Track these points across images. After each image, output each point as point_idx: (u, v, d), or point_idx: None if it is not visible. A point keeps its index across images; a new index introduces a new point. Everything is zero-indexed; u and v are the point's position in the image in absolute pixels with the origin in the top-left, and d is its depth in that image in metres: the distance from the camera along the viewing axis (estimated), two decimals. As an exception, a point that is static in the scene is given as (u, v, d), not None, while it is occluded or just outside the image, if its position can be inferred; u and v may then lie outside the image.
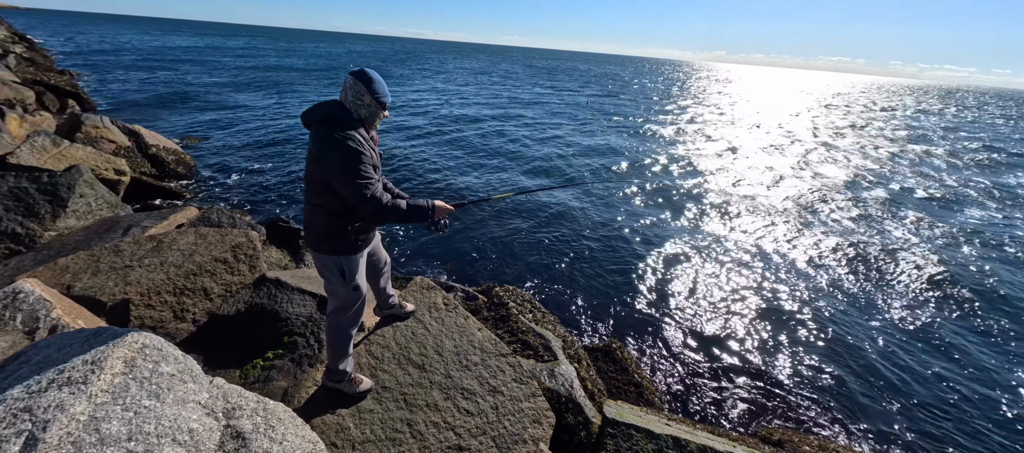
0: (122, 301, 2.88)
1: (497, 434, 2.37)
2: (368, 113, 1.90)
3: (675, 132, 18.05)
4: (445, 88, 27.60)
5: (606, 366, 4.00)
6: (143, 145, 7.70)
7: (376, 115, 1.93)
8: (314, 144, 1.80)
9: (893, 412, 4.08)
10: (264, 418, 1.39)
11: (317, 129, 1.81)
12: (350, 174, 1.76)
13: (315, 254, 2.03)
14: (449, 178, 9.77)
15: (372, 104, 1.89)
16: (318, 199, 1.90)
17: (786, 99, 42.38)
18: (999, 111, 45.06)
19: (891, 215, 9.40)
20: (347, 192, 1.79)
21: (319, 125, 1.81)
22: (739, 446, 2.87)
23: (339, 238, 1.96)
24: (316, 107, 1.85)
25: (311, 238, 2.00)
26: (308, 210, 1.97)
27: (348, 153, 1.75)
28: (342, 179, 1.77)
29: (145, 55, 31.06)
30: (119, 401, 1.18)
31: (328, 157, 1.76)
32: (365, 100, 1.87)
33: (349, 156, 1.75)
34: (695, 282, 6.03)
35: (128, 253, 3.30)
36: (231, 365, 2.86)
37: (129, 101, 14.71)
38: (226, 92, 18.51)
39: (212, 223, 4.41)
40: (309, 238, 2.02)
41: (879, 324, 5.40)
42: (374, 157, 1.93)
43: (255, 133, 11.95)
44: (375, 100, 1.88)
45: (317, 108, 1.84)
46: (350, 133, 1.78)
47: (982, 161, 16.49)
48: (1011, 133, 25.68)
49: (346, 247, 2.00)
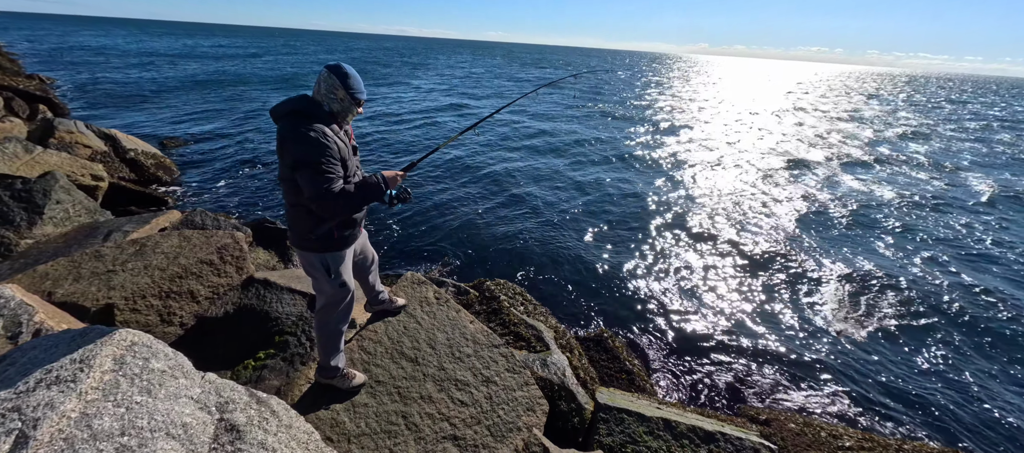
0: (106, 306, 2.82)
1: (491, 423, 2.40)
2: (341, 108, 1.86)
3: (662, 124, 18.26)
4: (446, 84, 27.42)
5: (598, 355, 4.06)
6: (120, 150, 7.50)
7: (349, 110, 1.89)
8: (278, 138, 1.75)
9: (873, 389, 4.24)
10: (258, 411, 1.40)
11: (282, 123, 1.75)
12: (308, 168, 1.70)
13: (300, 252, 2.02)
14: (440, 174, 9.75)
15: (346, 99, 1.85)
16: (294, 197, 1.85)
17: (765, 89, 43.37)
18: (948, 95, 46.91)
19: (868, 200, 9.69)
20: (305, 185, 1.72)
21: (284, 119, 1.76)
22: (727, 425, 2.96)
23: (323, 235, 1.94)
24: (284, 102, 1.80)
25: (294, 236, 1.98)
26: (289, 209, 1.93)
27: (309, 146, 1.68)
28: (301, 173, 1.71)
29: (118, 57, 30.11)
30: (110, 398, 1.18)
31: (290, 150, 1.71)
32: (338, 95, 1.83)
33: (310, 149, 1.68)
34: (683, 272, 6.15)
35: (110, 258, 3.23)
36: (222, 367, 2.83)
37: (103, 105, 14.28)
38: (205, 93, 18.09)
39: (196, 225, 4.34)
40: (292, 237, 1.99)
41: (862, 307, 5.58)
42: (343, 151, 1.86)
43: (237, 134, 11.73)
44: (349, 95, 1.84)
45: (285, 103, 1.79)
46: (314, 125, 1.73)
47: (915, 134, 17.19)
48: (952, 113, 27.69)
49: (330, 244, 1.98)
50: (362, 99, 1.91)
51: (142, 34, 71.20)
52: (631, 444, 2.63)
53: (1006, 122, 26.41)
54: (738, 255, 6.67)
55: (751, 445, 2.70)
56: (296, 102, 1.79)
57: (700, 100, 28.90)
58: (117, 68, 24.17)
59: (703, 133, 16.86)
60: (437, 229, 6.93)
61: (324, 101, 1.83)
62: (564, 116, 19.20)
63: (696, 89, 38.53)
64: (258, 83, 22.89)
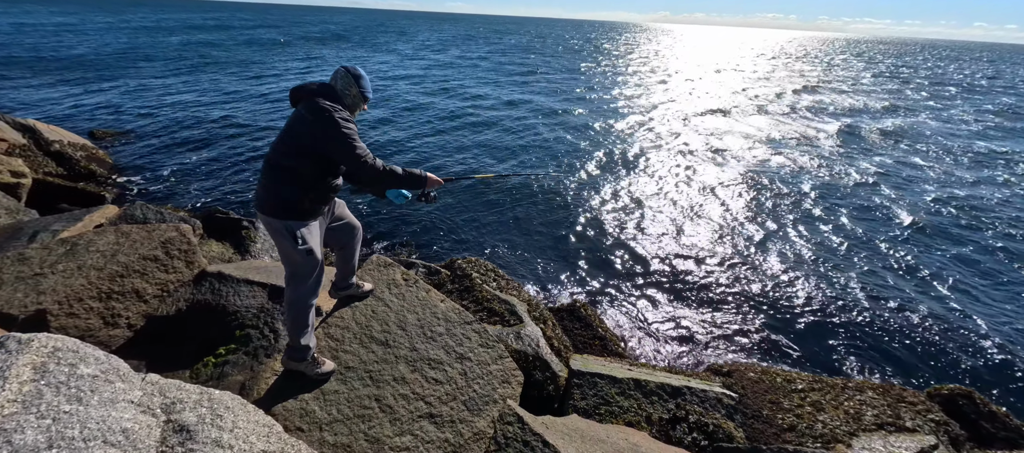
0: (37, 312, 2.58)
1: (467, 398, 2.41)
2: (352, 102, 2.15)
3: (627, 96, 18.38)
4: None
5: (571, 324, 4.15)
6: (42, 142, 6.75)
7: (358, 106, 2.19)
8: (310, 113, 1.98)
9: (824, 339, 4.58)
10: (210, 408, 1.31)
11: (313, 102, 1.99)
12: (351, 141, 1.98)
13: (265, 218, 2.08)
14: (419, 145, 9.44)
15: (357, 95, 2.15)
16: (289, 161, 2.01)
17: (720, 55, 44.52)
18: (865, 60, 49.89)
19: (818, 157, 10.25)
20: (347, 158, 2.01)
21: (314, 98, 2.01)
22: (693, 380, 3.11)
23: (291, 204, 2.03)
24: (308, 84, 2.09)
25: (261, 201, 2.06)
26: (268, 173, 2.05)
27: (347, 124, 2.01)
28: (342, 148, 1.98)
29: (32, 36, 26.69)
30: (31, 409, 1.06)
31: (328, 127, 1.96)
32: (352, 91, 2.13)
33: (348, 127, 2.00)
34: (651, 240, 6.33)
35: (37, 260, 2.93)
36: (179, 367, 2.67)
37: (12, 94, 12.69)
38: (137, 74, 16.44)
39: (136, 220, 4.00)
40: (259, 202, 2.07)
41: (814, 264, 5.97)
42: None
43: (178, 119, 10.80)
44: (360, 93, 2.16)
45: (310, 85, 2.08)
46: (344, 111, 2.05)
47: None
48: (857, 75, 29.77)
49: (297, 213, 2.05)
50: (369, 97, 2.22)
51: (63, 8, 63.29)
52: (604, 405, 2.72)
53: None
54: (703, 221, 6.92)
55: (714, 395, 2.86)
56: (322, 87, 2.07)
57: (678, 72, 29.17)
58: (31, 49, 21.46)
59: (665, 104, 17.12)
60: (406, 210, 6.76)
61: (342, 94, 2.11)
62: (529, 89, 18.94)
63: (661, 58, 38.90)
64: (205, 61, 21.04)
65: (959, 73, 36.62)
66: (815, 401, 3.02)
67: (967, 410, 3.05)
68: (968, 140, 12.94)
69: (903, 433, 2.75)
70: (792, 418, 2.86)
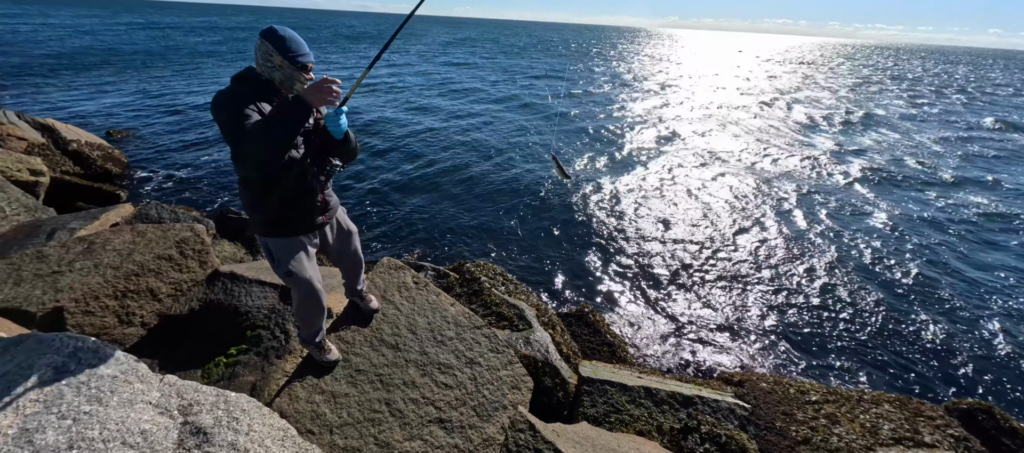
0: (54, 310, 2.61)
1: (477, 403, 2.40)
2: (282, 75, 1.67)
3: (639, 100, 18.32)
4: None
5: (580, 330, 4.12)
6: (61, 141, 6.89)
7: (294, 77, 1.68)
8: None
9: (838, 349, 4.50)
10: (226, 411, 1.32)
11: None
12: (223, 126, 1.54)
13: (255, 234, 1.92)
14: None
15: (285, 65, 1.65)
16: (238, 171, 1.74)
17: (734, 62, 44.13)
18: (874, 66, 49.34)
19: (839, 168, 10.11)
20: (230, 144, 1.56)
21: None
22: (704, 389, 3.07)
23: (256, 216, 1.78)
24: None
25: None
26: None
27: (218, 107, 1.55)
28: (225, 135, 1.55)
29: (53, 40, 27.38)
30: (53, 410, 1.07)
31: (216, 118, 1.57)
32: (275, 61, 1.64)
33: (218, 109, 1.55)
34: (660, 246, 6.28)
35: (55, 258, 2.98)
36: (191, 366, 2.70)
37: (34, 93, 13.01)
38: (157, 74, 16.76)
39: (151, 219, 4.06)
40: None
41: (828, 273, 5.87)
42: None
43: (194, 120, 10.98)
44: (287, 60, 1.64)
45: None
46: (231, 89, 1.61)
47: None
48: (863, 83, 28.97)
49: (268, 227, 1.81)
50: (305, 61, 1.68)
51: (83, 9, 64.90)
52: (614, 413, 2.69)
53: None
54: (712, 228, 6.85)
55: (727, 405, 2.81)
56: (240, 72, 1.67)
57: (684, 77, 29.09)
58: (52, 51, 22.00)
59: (679, 109, 17.03)
60: (414, 212, 6.78)
61: (262, 71, 1.67)
62: (541, 94, 18.96)
63: (671, 63, 38.78)
64: (219, 63, 21.40)
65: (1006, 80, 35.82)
66: (830, 413, 2.96)
67: (987, 425, 2.97)
68: (988, 147, 12.69)
69: (922, 448, 2.68)
70: (806, 431, 2.80)
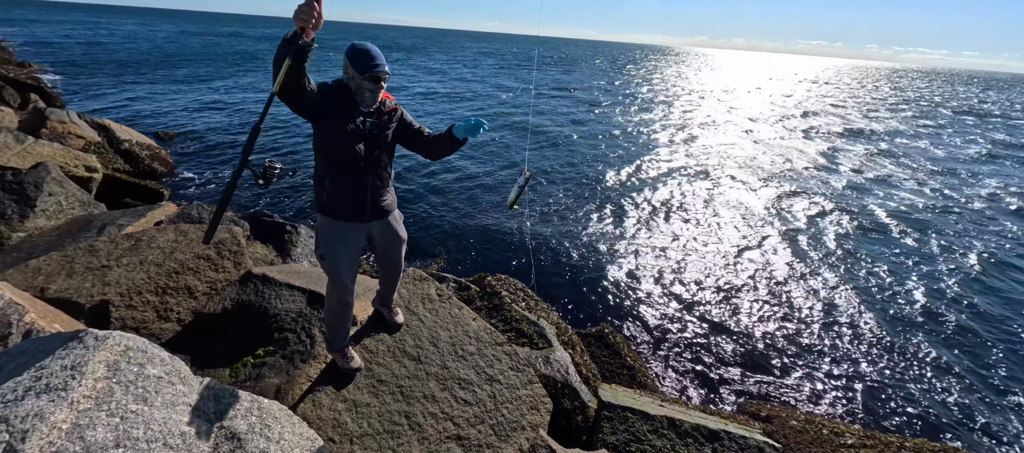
0: (101, 302, 2.77)
1: (495, 422, 2.37)
2: (355, 86, 1.89)
3: (670, 119, 18.13)
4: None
5: (599, 351, 4.04)
6: (114, 140, 7.37)
7: (363, 87, 1.87)
8: None
9: (873, 387, 4.24)
10: (259, 418, 1.35)
11: None
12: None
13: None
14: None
15: (355, 76, 1.86)
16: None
17: (770, 82, 43.14)
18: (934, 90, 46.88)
19: (871, 204, 9.66)
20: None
21: None
22: (730, 423, 2.94)
23: (316, 190, 2.05)
24: None
25: None
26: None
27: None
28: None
29: (113, 45, 29.55)
30: (103, 407, 1.13)
31: None
32: (349, 72, 1.88)
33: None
34: (683, 266, 6.12)
35: (105, 253, 3.16)
36: (220, 364, 2.78)
37: (96, 94, 14.02)
38: (200, 82, 17.80)
39: (193, 219, 4.26)
40: None
41: (863, 306, 5.58)
42: (341, 112, 1.87)
43: (233, 124, 11.56)
44: (356, 71, 1.85)
45: None
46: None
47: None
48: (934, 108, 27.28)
49: (319, 204, 2.05)
50: (375, 73, 1.84)
51: (139, 20, 69.95)
52: (635, 443, 2.61)
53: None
54: (739, 253, 6.64)
55: (755, 444, 2.68)
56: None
57: (708, 95, 28.68)
58: (112, 57, 23.73)
59: (710, 131, 16.75)
60: (436, 223, 6.87)
61: (345, 78, 1.94)
62: (565, 109, 19.05)
63: (702, 83, 38.30)
64: (257, 70, 22.54)
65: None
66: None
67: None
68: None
69: (972, 507, 2.47)
70: (842, 477, 2.64)
